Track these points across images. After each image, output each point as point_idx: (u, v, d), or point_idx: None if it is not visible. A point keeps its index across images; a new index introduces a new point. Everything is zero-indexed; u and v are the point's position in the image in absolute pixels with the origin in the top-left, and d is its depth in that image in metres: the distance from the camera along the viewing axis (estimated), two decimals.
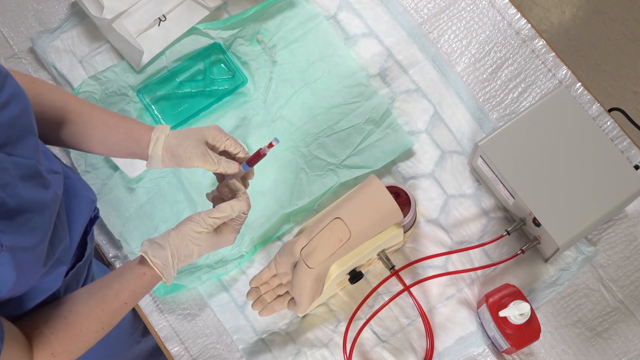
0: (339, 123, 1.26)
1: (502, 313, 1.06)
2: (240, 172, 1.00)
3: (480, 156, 1.16)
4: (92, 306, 0.90)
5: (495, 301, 1.09)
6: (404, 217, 1.14)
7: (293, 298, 1.09)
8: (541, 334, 1.09)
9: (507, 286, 1.11)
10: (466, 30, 1.32)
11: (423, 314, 1.14)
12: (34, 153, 0.82)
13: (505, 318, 1.06)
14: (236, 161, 1.01)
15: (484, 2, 1.33)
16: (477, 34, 1.31)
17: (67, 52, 1.33)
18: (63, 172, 0.91)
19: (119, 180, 1.24)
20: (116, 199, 1.24)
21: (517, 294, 1.09)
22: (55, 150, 1.28)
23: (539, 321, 1.09)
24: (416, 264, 1.18)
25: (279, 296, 1.11)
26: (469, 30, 1.32)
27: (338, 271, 1.06)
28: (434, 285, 1.18)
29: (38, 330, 0.86)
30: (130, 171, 1.24)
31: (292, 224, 1.22)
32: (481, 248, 1.19)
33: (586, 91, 1.27)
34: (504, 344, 1.09)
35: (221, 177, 1.05)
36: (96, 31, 1.34)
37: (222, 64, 1.30)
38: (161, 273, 0.93)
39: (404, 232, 1.16)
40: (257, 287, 1.11)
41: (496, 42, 1.30)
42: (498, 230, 1.20)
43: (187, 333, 1.19)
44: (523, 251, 1.14)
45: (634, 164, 1.21)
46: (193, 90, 1.29)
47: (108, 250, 1.24)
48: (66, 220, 0.91)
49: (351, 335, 1.13)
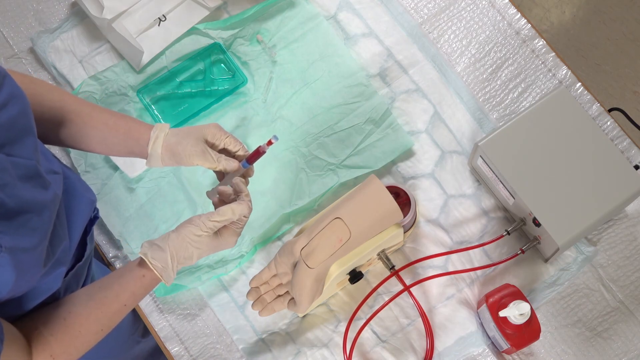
0: (339, 123, 1.26)
1: (502, 313, 1.06)
2: (240, 170, 1.01)
3: (480, 156, 1.16)
4: (92, 308, 0.90)
5: (495, 301, 1.09)
6: (404, 217, 1.14)
7: (293, 298, 1.09)
8: (541, 334, 1.09)
9: (507, 286, 1.11)
10: (466, 30, 1.31)
11: (423, 314, 1.14)
12: (34, 153, 0.81)
13: (505, 318, 1.06)
14: (236, 159, 1.01)
15: (484, 2, 1.33)
16: (477, 34, 1.31)
17: (67, 52, 1.33)
18: (62, 173, 0.91)
19: (119, 180, 1.24)
20: (116, 199, 1.24)
21: (517, 294, 1.09)
22: (55, 150, 1.28)
23: (539, 321, 1.09)
24: (416, 264, 1.18)
25: (279, 296, 1.11)
26: (469, 30, 1.31)
27: (338, 271, 1.06)
28: (434, 285, 1.18)
29: (37, 331, 0.86)
30: (130, 171, 1.24)
31: (292, 224, 1.22)
32: (481, 248, 1.19)
33: (586, 91, 1.27)
34: (504, 344, 1.09)
35: (221, 176, 1.05)
36: (96, 31, 1.34)
37: (222, 64, 1.30)
38: (160, 275, 0.92)
39: (404, 232, 1.16)
40: (257, 287, 1.11)
41: (496, 42, 1.30)
42: (498, 230, 1.20)
43: (187, 333, 1.19)
44: (523, 251, 1.14)
45: (634, 164, 1.21)
46: (193, 90, 1.29)
47: (108, 250, 1.24)
48: (66, 220, 0.91)
49: (351, 335, 1.13)
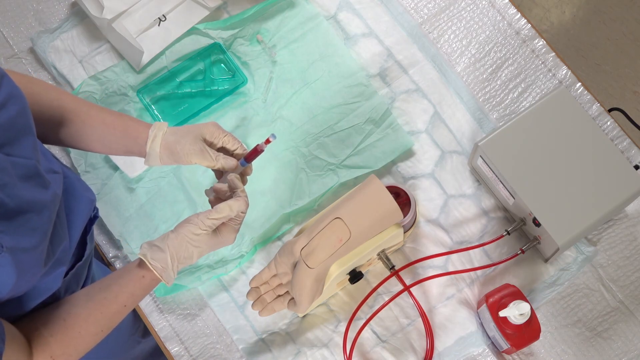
0: (339, 123, 1.26)
1: (502, 313, 1.06)
2: (238, 168, 1.01)
3: (480, 156, 1.16)
4: (91, 309, 0.90)
5: (495, 301, 1.09)
6: (404, 217, 1.14)
7: (293, 298, 1.09)
8: (541, 334, 1.09)
9: (507, 286, 1.11)
10: (466, 30, 1.31)
11: (423, 314, 1.14)
12: (33, 153, 0.81)
13: (505, 318, 1.06)
14: (234, 157, 1.01)
15: (484, 2, 1.33)
16: (477, 34, 1.31)
17: (67, 52, 1.33)
18: (62, 172, 0.91)
19: (119, 180, 1.24)
20: (116, 199, 1.24)
21: (517, 294, 1.09)
22: (55, 150, 1.28)
23: (539, 321, 1.09)
24: (416, 264, 1.17)
25: (279, 296, 1.11)
26: (469, 30, 1.31)
27: (338, 271, 1.06)
28: (434, 285, 1.18)
29: (37, 332, 0.86)
30: (130, 171, 1.24)
31: (292, 224, 1.22)
32: (481, 248, 1.19)
33: (586, 91, 1.26)
34: (504, 344, 1.09)
35: (220, 174, 1.05)
36: (96, 31, 1.34)
37: (222, 64, 1.30)
38: (161, 276, 0.92)
39: (404, 232, 1.16)
40: (257, 287, 1.11)
41: (496, 42, 1.30)
42: (498, 230, 1.20)
43: (187, 333, 1.19)
44: (523, 251, 1.14)
45: (634, 164, 1.21)
46: (193, 90, 1.29)
47: (108, 250, 1.24)
48: (65, 220, 0.91)
49: (351, 335, 1.13)
